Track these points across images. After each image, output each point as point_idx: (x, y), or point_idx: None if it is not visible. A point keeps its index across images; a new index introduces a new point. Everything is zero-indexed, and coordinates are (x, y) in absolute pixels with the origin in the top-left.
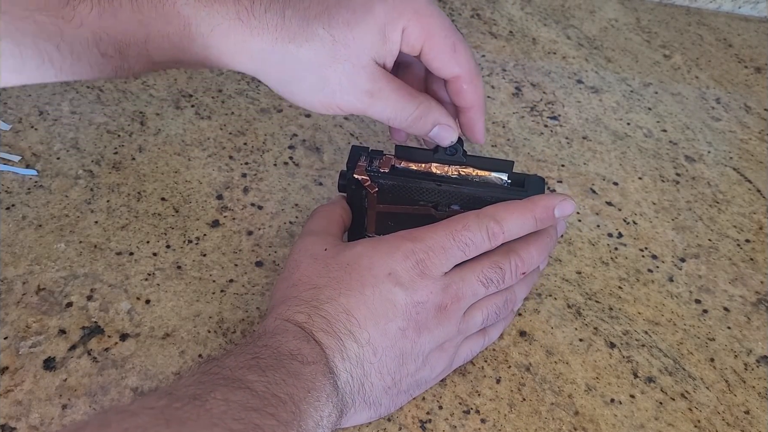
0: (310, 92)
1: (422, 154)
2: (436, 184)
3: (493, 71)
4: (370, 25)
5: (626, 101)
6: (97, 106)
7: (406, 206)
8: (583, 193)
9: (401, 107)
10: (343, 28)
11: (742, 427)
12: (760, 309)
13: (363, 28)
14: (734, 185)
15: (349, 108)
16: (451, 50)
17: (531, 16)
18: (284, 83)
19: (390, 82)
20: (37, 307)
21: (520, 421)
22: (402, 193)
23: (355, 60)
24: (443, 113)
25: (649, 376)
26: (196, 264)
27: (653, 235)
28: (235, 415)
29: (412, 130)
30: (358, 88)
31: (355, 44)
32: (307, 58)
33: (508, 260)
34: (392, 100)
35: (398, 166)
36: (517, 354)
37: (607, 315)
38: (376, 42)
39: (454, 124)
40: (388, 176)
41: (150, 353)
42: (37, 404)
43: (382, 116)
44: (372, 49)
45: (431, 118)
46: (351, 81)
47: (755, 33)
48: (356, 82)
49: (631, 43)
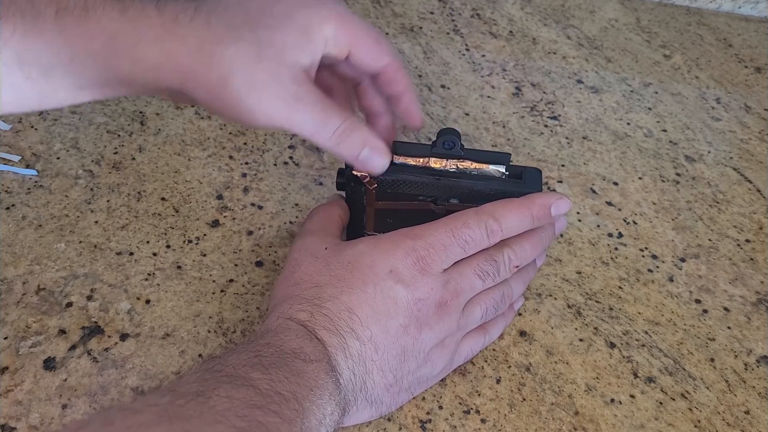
0: (238, 96)
1: (420, 148)
2: (435, 178)
3: (493, 71)
4: (293, 27)
5: (626, 101)
6: (97, 105)
7: (405, 202)
8: (583, 193)
9: (326, 118)
10: (268, 30)
11: (742, 427)
12: (760, 309)
13: (286, 30)
14: (734, 185)
15: (275, 116)
16: (376, 43)
17: (531, 16)
18: (211, 88)
19: (315, 91)
20: (37, 307)
21: (520, 421)
22: (401, 188)
23: (280, 59)
24: (373, 135)
25: (649, 376)
26: (196, 264)
27: (653, 235)
28: (239, 412)
29: (340, 150)
30: (283, 88)
31: (280, 44)
32: (234, 58)
33: (502, 253)
34: (317, 110)
35: (396, 162)
36: (517, 354)
37: (607, 315)
38: (300, 43)
39: (387, 149)
40: (386, 172)
41: (150, 353)
42: (37, 404)
43: (305, 127)
44: (296, 50)
45: (359, 136)
46: (276, 80)
47: (755, 33)
48: (281, 82)
49: (631, 43)
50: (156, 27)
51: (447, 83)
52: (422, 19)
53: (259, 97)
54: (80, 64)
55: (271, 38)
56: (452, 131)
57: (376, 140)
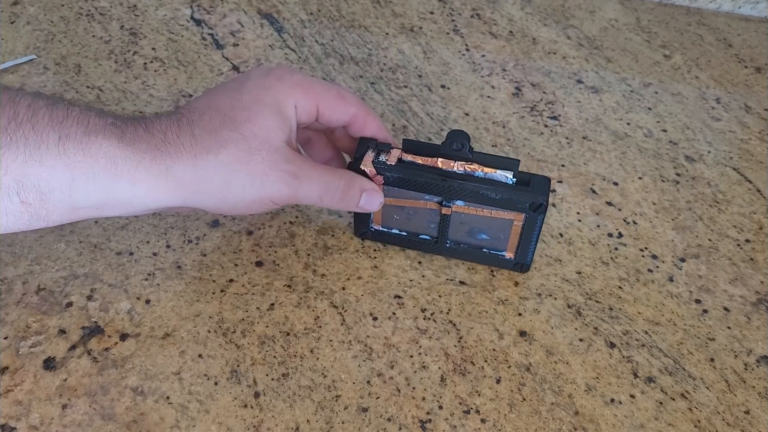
0: (242, 192)
1: (429, 148)
2: (442, 178)
3: (493, 71)
4: (266, 112)
5: (626, 101)
6: (97, 105)
7: (411, 200)
8: (583, 193)
9: (328, 181)
10: (247, 124)
11: (742, 427)
12: (760, 309)
13: (263, 117)
14: (734, 185)
15: (280, 196)
16: (340, 99)
17: (531, 16)
18: (216, 193)
19: (307, 161)
20: (37, 307)
21: (520, 421)
22: (407, 186)
23: (268, 146)
24: (365, 179)
25: (649, 376)
26: (196, 264)
27: (653, 235)
28: None
29: (342, 205)
30: (281, 171)
31: (263, 132)
32: (228, 161)
33: None
34: (317, 177)
35: (405, 160)
36: (517, 354)
37: (607, 315)
38: (278, 123)
39: (378, 189)
40: (394, 169)
41: (150, 353)
42: (37, 404)
43: (312, 195)
44: (277, 131)
45: (357, 185)
46: (273, 167)
47: (755, 33)
48: (278, 166)
49: (631, 43)
50: (151, 148)
51: (447, 83)
52: (422, 19)
53: (261, 187)
54: (79, 186)
55: (252, 130)
56: (461, 133)
57: (369, 183)
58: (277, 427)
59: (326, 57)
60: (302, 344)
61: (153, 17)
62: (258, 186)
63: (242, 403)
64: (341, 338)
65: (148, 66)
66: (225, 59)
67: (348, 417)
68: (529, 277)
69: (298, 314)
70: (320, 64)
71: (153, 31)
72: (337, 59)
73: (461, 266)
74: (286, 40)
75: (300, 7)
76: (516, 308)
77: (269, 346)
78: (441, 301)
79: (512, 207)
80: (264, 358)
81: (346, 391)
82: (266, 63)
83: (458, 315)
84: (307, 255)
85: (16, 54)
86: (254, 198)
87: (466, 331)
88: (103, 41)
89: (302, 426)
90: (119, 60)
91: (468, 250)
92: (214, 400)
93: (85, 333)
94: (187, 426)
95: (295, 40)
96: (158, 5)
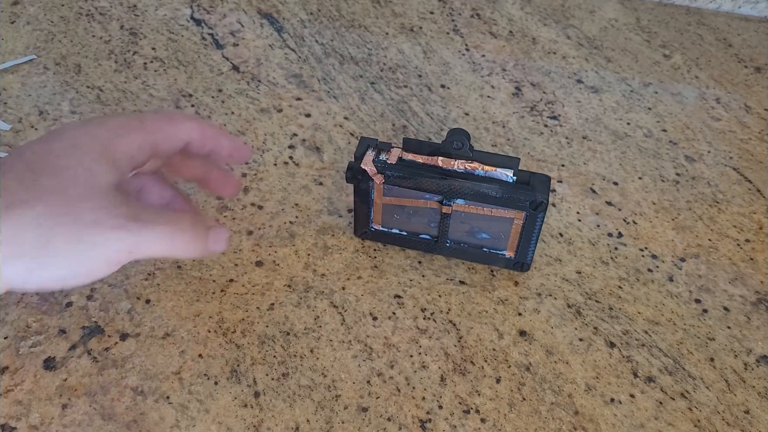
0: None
1: (429, 146)
2: (442, 177)
3: (493, 71)
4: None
5: (626, 101)
6: (97, 105)
7: (412, 199)
8: (583, 192)
9: (174, 221)
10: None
11: (741, 426)
12: (760, 309)
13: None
14: (734, 185)
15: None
16: (168, 120)
17: (531, 16)
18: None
19: (146, 204)
20: (37, 306)
21: (520, 421)
22: (408, 184)
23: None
24: (204, 216)
25: (649, 376)
26: (196, 264)
27: (653, 234)
28: None
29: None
30: (116, 216)
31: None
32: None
33: None
34: (162, 219)
35: (405, 158)
36: (517, 354)
37: (607, 315)
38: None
39: (225, 227)
40: (394, 167)
41: (150, 353)
42: (37, 404)
43: (162, 240)
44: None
45: (201, 222)
46: (105, 213)
47: (755, 33)
48: (111, 210)
49: (631, 43)
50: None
51: (447, 83)
52: (422, 19)
53: (91, 241)
54: None
55: (73, 178)
56: (462, 131)
57: (210, 219)
58: (277, 426)
59: (326, 57)
60: (302, 344)
61: (153, 17)
62: (88, 239)
63: (242, 402)
64: (341, 338)
65: (148, 66)
66: (225, 59)
67: (348, 417)
68: (529, 276)
69: (298, 314)
70: (320, 64)
71: (153, 31)
72: (337, 59)
73: (461, 266)
74: (286, 40)
75: (300, 6)
76: (516, 308)
77: (269, 346)
78: (441, 301)
79: (513, 205)
80: (264, 358)
81: (346, 390)
82: (266, 63)
83: (458, 315)
84: (307, 255)
85: (16, 54)
86: (82, 258)
87: (465, 330)
88: (103, 41)
89: (302, 425)
90: (119, 60)
91: (468, 250)
92: (214, 400)
93: (85, 333)
94: (187, 426)
95: (295, 39)
96: (158, 5)
